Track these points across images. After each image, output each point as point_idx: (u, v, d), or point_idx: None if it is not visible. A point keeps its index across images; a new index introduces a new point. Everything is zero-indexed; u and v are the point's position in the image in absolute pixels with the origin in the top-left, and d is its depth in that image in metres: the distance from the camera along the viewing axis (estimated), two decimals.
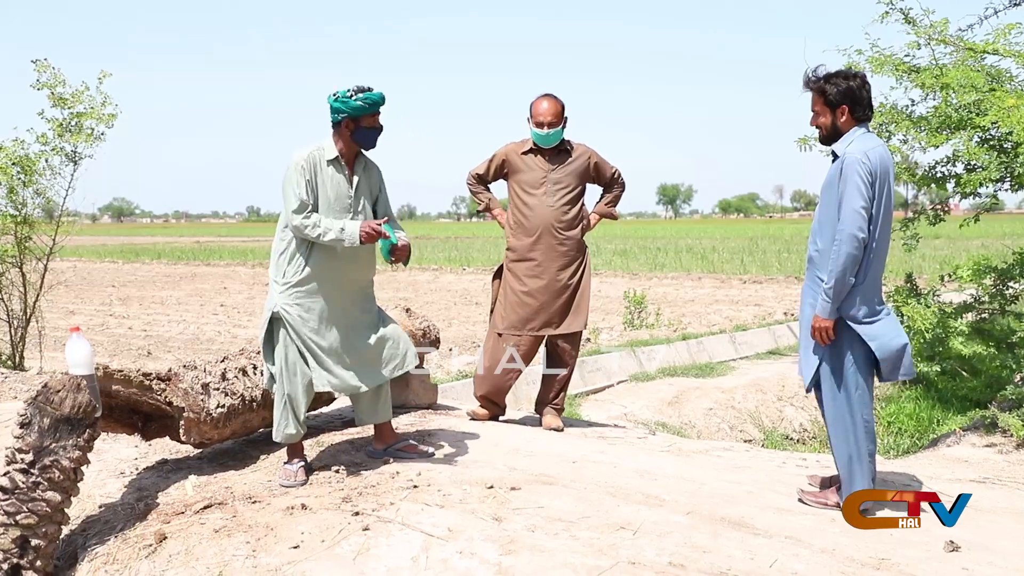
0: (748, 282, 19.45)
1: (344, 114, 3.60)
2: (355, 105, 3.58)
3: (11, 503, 2.92)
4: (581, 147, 4.74)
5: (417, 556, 2.89)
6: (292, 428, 3.68)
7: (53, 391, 2.99)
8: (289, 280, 3.60)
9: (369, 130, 3.67)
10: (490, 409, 4.82)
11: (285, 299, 3.59)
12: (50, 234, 7.80)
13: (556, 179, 4.63)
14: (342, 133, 3.66)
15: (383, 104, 3.68)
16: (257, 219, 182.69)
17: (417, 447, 3.92)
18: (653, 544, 2.96)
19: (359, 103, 3.58)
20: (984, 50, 5.47)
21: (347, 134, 3.65)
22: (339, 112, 3.61)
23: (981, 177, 5.19)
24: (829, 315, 3.20)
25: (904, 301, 5.88)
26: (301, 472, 3.63)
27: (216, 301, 16.72)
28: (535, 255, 4.63)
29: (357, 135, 3.65)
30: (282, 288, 3.61)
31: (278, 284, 3.63)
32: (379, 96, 3.64)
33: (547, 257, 4.61)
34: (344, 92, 3.60)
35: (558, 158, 4.66)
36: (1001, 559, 2.92)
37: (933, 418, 7.27)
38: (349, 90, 3.60)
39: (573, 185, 4.67)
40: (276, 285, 3.64)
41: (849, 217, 3.11)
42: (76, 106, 7.39)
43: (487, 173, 4.84)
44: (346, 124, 3.63)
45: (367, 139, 3.69)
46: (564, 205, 4.63)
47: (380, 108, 3.68)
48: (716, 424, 7.48)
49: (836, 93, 3.26)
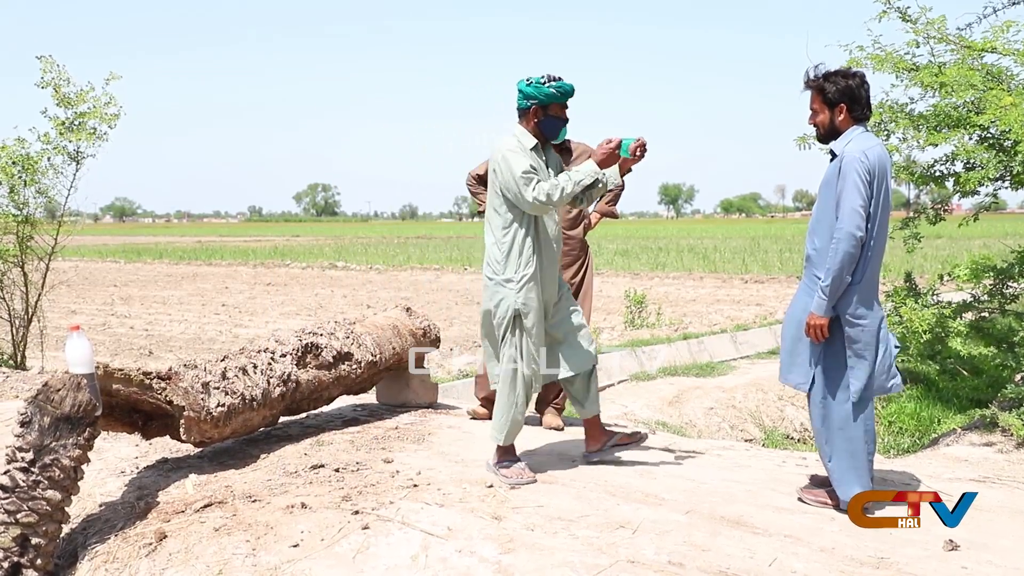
0: (749, 282, 19.44)
1: (534, 100, 3.61)
2: (548, 92, 3.60)
3: (11, 501, 2.92)
4: (581, 145, 4.72)
5: (417, 555, 2.90)
6: (519, 425, 3.71)
7: (54, 390, 3.00)
8: (519, 276, 3.62)
9: (556, 119, 3.66)
10: (491, 409, 4.82)
11: (522, 295, 3.62)
12: (52, 234, 7.82)
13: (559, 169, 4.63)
14: (529, 120, 3.67)
15: (572, 96, 3.67)
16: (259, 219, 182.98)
17: (632, 437, 3.90)
18: (652, 543, 2.96)
19: (552, 90, 3.60)
20: (983, 48, 5.46)
21: (534, 121, 3.66)
22: (530, 98, 3.62)
23: (980, 176, 5.18)
24: (824, 313, 3.20)
25: (902, 301, 5.87)
26: (528, 469, 3.66)
27: (218, 301, 16.72)
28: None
29: (544, 123, 3.66)
30: (516, 285, 3.62)
31: (511, 283, 3.62)
32: (571, 87, 3.64)
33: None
34: (537, 79, 3.62)
35: (560, 154, 4.64)
36: (1000, 558, 2.92)
37: (933, 417, 7.27)
38: (543, 77, 3.61)
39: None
40: (506, 285, 3.63)
41: (847, 216, 3.11)
42: (80, 105, 7.40)
43: (487, 173, 4.83)
44: (534, 111, 3.64)
45: (553, 128, 3.69)
46: (566, 204, 4.62)
47: (569, 99, 3.67)
48: (716, 423, 7.48)
49: (835, 91, 3.26)
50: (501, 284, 3.65)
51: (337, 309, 14.36)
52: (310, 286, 19.76)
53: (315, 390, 4.34)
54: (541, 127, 3.67)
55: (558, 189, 3.53)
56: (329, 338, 4.47)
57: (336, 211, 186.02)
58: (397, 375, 4.97)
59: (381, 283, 20.21)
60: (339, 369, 4.44)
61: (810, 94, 3.35)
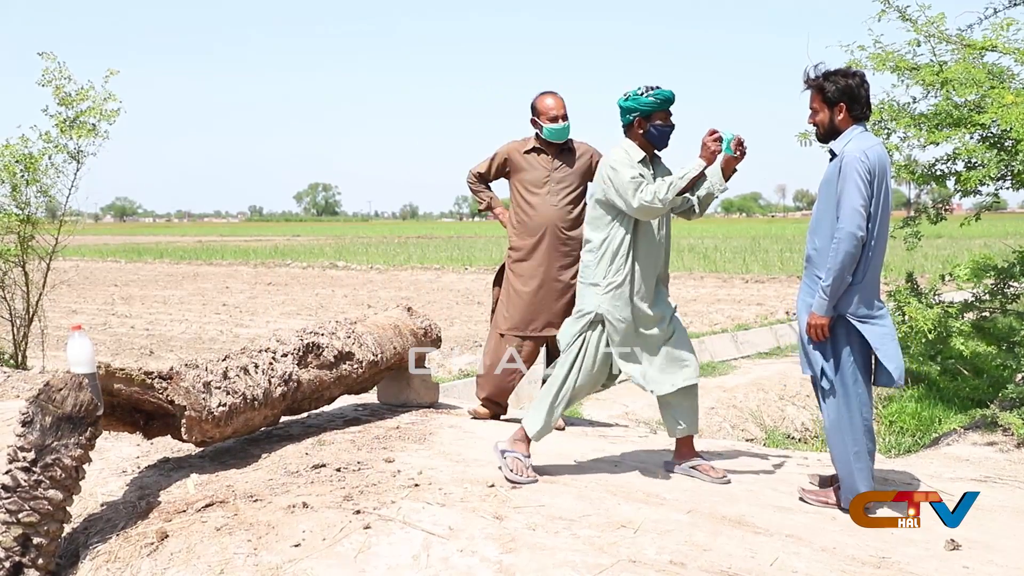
0: (750, 281, 19.43)
1: (635, 113, 3.61)
2: (647, 102, 3.59)
3: (13, 501, 2.92)
4: (583, 145, 4.73)
5: (418, 554, 2.90)
6: (550, 429, 3.72)
7: (55, 389, 3.00)
8: (606, 282, 3.61)
9: (662, 127, 3.64)
10: (492, 409, 4.82)
11: (606, 300, 3.61)
12: (53, 233, 7.82)
13: (559, 178, 4.63)
14: (634, 134, 3.66)
15: (673, 102, 3.65)
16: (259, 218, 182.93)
17: (711, 469, 3.77)
18: (654, 542, 2.96)
19: (651, 99, 3.58)
20: (983, 47, 5.46)
21: (639, 134, 3.65)
22: (630, 112, 3.62)
23: (981, 174, 5.18)
24: (825, 313, 3.21)
25: (906, 300, 5.87)
26: (532, 470, 3.66)
27: (218, 300, 16.73)
28: (538, 255, 4.61)
29: (649, 133, 3.64)
30: (602, 290, 3.62)
31: (598, 287, 3.63)
32: (670, 93, 3.63)
33: (550, 257, 4.60)
34: (635, 91, 3.61)
35: (561, 157, 4.65)
36: (1002, 558, 2.92)
37: (934, 417, 7.26)
38: (639, 88, 3.60)
39: (576, 184, 4.65)
40: (593, 288, 3.64)
41: (848, 216, 3.12)
42: (80, 103, 7.41)
43: (488, 172, 4.84)
44: (638, 123, 3.64)
45: (660, 137, 3.66)
46: (568, 204, 4.62)
47: (671, 106, 3.66)
48: (718, 423, 7.48)
49: (834, 91, 3.26)
50: (589, 286, 3.67)
51: (338, 309, 14.36)
52: (311, 286, 19.76)
53: (316, 390, 4.34)
54: (648, 138, 3.65)
55: (664, 187, 3.50)
56: (330, 338, 4.47)
57: (337, 211, 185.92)
58: (398, 375, 4.97)
59: (382, 283, 20.21)
60: (340, 369, 4.43)
61: (810, 93, 3.36)
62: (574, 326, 3.69)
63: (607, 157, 3.71)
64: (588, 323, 3.64)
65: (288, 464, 3.82)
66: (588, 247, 3.73)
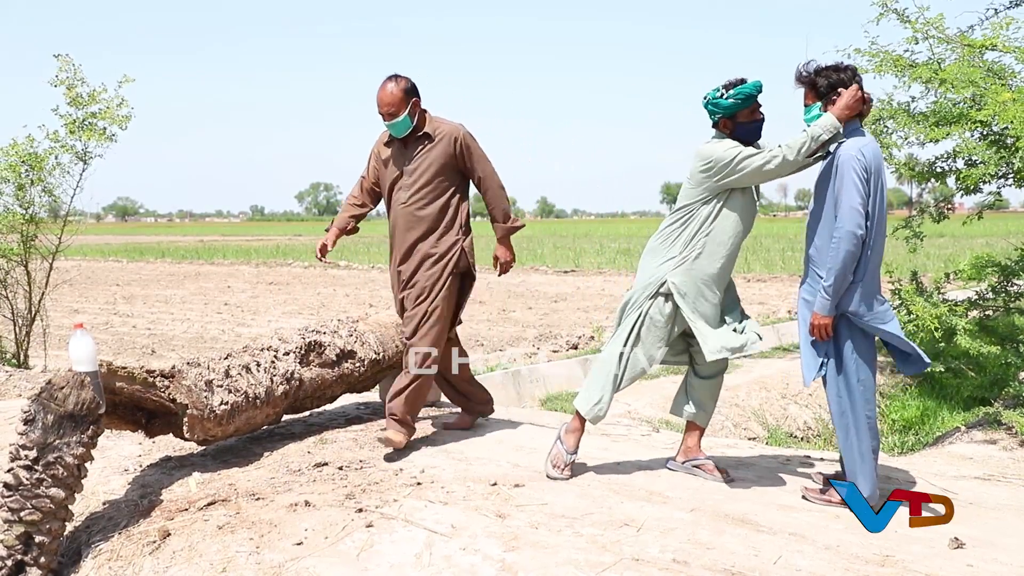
0: (752, 280, 19.41)
1: (719, 114, 3.49)
2: (727, 104, 3.44)
3: (15, 500, 2.92)
4: (447, 127, 3.99)
5: (420, 553, 2.89)
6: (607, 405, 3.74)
7: (57, 388, 3.00)
8: (681, 255, 3.51)
9: (750, 124, 3.48)
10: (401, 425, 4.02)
11: (677, 274, 3.50)
12: (56, 233, 7.83)
13: (411, 169, 4.00)
14: (722, 131, 3.53)
15: (759, 94, 3.47)
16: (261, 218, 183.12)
17: (715, 469, 3.71)
18: (656, 541, 2.95)
19: (730, 101, 3.43)
20: (983, 45, 5.45)
21: (728, 135, 3.52)
22: (714, 114, 3.50)
23: (981, 172, 5.17)
24: (828, 312, 3.21)
25: (912, 299, 5.86)
26: (570, 468, 3.66)
27: (220, 300, 16.73)
28: (402, 269, 4.09)
29: (738, 132, 3.50)
30: (676, 263, 3.51)
31: (672, 260, 3.52)
32: (753, 88, 3.44)
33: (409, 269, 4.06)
34: (714, 93, 3.47)
35: (416, 145, 3.99)
36: (1006, 555, 2.91)
37: (938, 415, 7.25)
38: (719, 89, 3.47)
39: (429, 177, 3.97)
40: (666, 263, 3.53)
41: (847, 215, 3.11)
42: (91, 106, 7.42)
43: (368, 174, 4.26)
44: (723, 124, 3.51)
45: (750, 133, 3.51)
46: (419, 203, 3.99)
47: (757, 99, 3.47)
48: (720, 422, 7.47)
49: (826, 85, 3.28)
50: (667, 259, 3.54)
51: (339, 308, 14.36)
52: (312, 285, 19.76)
53: (318, 388, 4.34)
54: (736, 136, 3.50)
55: (796, 146, 3.28)
56: (332, 336, 4.47)
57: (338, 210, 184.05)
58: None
59: (383, 282, 20.18)
60: (342, 367, 4.43)
61: (803, 91, 3.37)
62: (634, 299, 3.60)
63: (711, 147, 3.45)
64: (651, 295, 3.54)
65: (290, 462, 3.82)
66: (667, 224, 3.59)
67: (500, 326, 12.38)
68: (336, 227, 4.32)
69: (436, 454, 3.99)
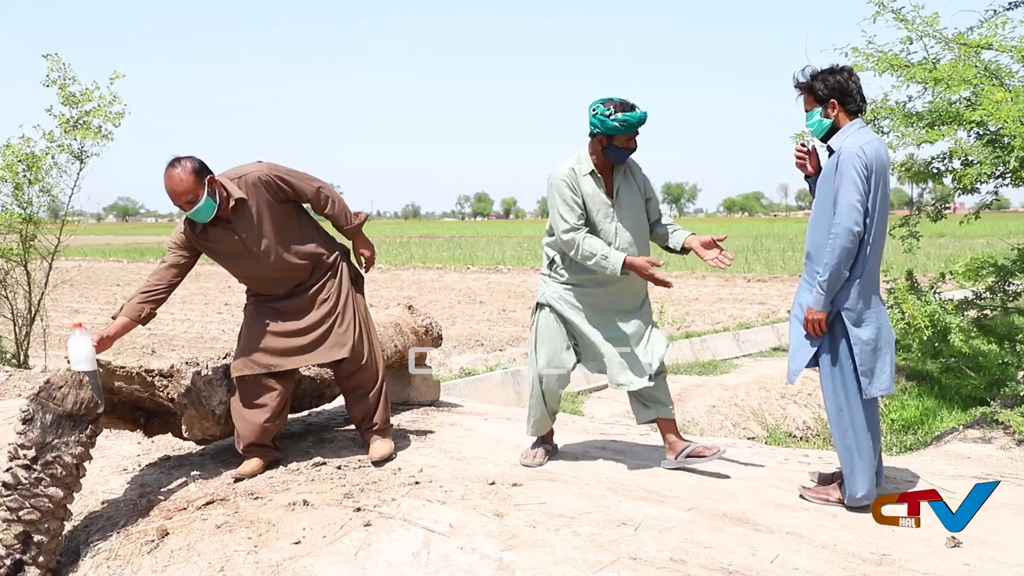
0: (752, 280, 19.42)
1: (599, 131, 3.54)
2: (611, 126, 3.49)
3: (14, 499, 2.93)
4: (248, 177, 3.59)
5: (418, 552, 2.90)
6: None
7: (56, 387, 3.00)
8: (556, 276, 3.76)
9: (621, 150, 3.57)
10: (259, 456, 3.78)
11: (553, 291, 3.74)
12: (55, 233, 7.84)
13: (253, 240, 3.63)
14: (595, 147, 3.61)
15: (642, 125, 3.55)
16: None
17: (704, 448, 3.73)
18: (654, 540, 2.96)
19: (615, 124, 3.49)
20: (979, 45, 5.45)
21: (599, 148, 3.58)
22: (594, 127, 3.55)
23: (977, 172, 5.17)
24: (823, 308, 3.21)
25: (904, 297, 5.86)
26: (542, 453, 3.91)
27: (220, 300, 16.74)
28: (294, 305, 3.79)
29: (608, 152, 3.57)
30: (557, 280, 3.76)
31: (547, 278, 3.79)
32: (638, 118, 3.51)
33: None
34: (604, 109, 3.50)
35: (236, 215, 3.60)
36: (1003, 555, 2.91)
37: (936, 415, 7.26)
38: (609, 108, 3.50)
39: (275, 233, 3.66)
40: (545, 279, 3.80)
41: (845, 211, 3.12)
42: (85, 104, 7.42)
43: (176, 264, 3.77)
44: (599, 139, 3.56)
45: (617, 157, 3.59)
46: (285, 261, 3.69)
47: (638, 129, 3.55)
48: (719, 421, 7.48)
49: (824, 88, 3.28)
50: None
51: None
52: None
53: (317, 387, 4.34)
54: (606, 155, 3.59)
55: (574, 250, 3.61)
56: None
57: None
58: (399, 373, 4.97)
59: (383, 282, 20.20)
60: None
61: (803, 97, 3.38)
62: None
63: (556, 168, 3.63)
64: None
65: (288, 462, 3.82)
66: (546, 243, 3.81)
67: (500, 326, 12.39)
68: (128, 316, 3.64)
69: (434, 453, 3.99)
